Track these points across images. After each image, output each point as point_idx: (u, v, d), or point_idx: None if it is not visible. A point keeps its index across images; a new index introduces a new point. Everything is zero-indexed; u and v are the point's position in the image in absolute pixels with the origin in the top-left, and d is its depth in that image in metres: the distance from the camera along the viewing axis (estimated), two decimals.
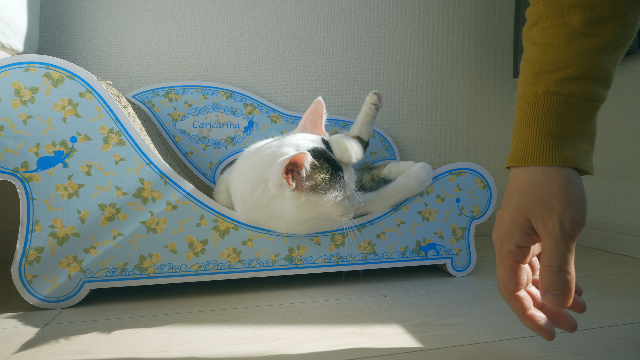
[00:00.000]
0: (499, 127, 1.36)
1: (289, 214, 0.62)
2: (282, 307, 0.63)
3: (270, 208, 0.64)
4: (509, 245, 0.39)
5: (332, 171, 0.60)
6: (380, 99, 0.89)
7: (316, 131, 0.71)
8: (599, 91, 0.38)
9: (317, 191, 0.59)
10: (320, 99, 0.70)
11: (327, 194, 0.60)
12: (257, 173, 0.63)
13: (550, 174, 0.37)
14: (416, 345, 0.49)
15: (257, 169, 0.63)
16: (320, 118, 0.70)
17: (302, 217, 0.62)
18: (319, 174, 0.59)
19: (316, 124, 0.71)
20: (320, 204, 0.60)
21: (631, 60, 1.03)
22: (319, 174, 0.59)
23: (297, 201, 0.59)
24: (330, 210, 0.62)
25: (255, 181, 0.63)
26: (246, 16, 1.15)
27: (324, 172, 0.59)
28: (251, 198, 0.64)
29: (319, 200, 0.60)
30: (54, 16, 1.02)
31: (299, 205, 0.60)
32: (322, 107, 0.70)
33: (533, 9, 0.41)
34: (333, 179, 0.60)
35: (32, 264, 0.61)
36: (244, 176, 0.65)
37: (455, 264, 0.80)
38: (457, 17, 1.31)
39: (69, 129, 0.61)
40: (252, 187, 0.63)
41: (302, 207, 0.60)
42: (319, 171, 0.59)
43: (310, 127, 0.71)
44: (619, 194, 1.06)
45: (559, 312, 0.42)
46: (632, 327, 0.54)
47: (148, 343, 0.50)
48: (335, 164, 0.61)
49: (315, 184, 0.59)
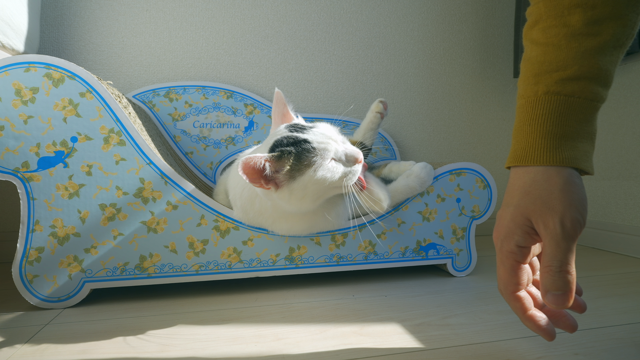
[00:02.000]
0: (499, 127, 1.36)
1: (295, 208, 0.60)
2: (282, 307, 0.63)
3: (277, 212, 0.64)
4: (510, 245, 0.39)
5: (295, 151, 0.56)
6: (386, 107, 0.89)
7: (286, 121, 0.67)
8: (599, 91, 0.38)
9: (294, 177, 0.56)
10: (278, 90, 0.66)
11: (304, 171, 0.56)
12: (248, 190, 0.65)
13: (551, 174, 0.37)
14: (416, 345, 0.49)
15: (247, 187, 0.64)
16: (285, 106, 0.67)
17: (305, 205, 0.59)
18: (285, 162, 0.56)
19: (284, 114, 0.67)
20: (308, 185, 0.57)
21: (631, 60, 1.03)
22: (284, 161, 0.56)
23: (291, 194, 0.57)
24: (323, 181, 0.57)
25: (250, 197, 0.65)
26: (247, 16, 1.15)
27: (287, 157, 0.55)
28: (253, 210, 0.66)
29: (304, 182, 0.56)
30: (55, 16, 1.02)
31: (290, 198, 0.58)
32: (282, 97, 0.66)
33: (533, 9, 0.41)
34: (301, 155, 0.56)
35: (33, 264, 0.61)
36: (239, 192, 0.67)
37: (455, 263, 0.80)
38: (457, 17, 1.31)
39: (69, 128, 0.61)
40: (250, 201, 0.65)
41: (295, 195, 0.57)
42: (284, 159, 0.55)
43: (279, 120, 0.68)
44: (620, 194, 1.06)
45: (560, 313, 0.42)
46: (632, 327, 0.54)
47: (148, 343, 0.50)
48: (296, 141, 0.57)
49: (289, 172, 0.56)
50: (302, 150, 0.56)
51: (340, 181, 0.59)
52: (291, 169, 0.56)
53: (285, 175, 0.56)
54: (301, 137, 0.57)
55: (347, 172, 0.59)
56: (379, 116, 0.89)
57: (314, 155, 0.56)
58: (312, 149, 0.56)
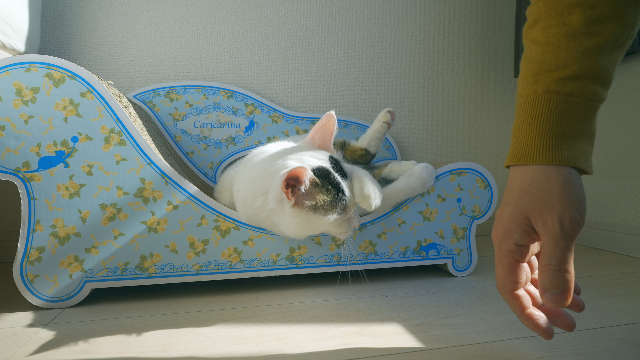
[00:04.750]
0: (500, 127, 1.36)
1: (287, 229, 0.61)
2: (283, 307, 0.63)
3: (271, 219, 0.63)
4: (508, 244, 0.39)
5: (334, 193, 0.58)
6: (393, 117, 0.89)
7: (324, 147, 0.67)
8: (598, 90, 0.38)
9: (317, 211, 0.58)
10: (332, 114, 0.64)
11: (328, 215, 0.59)
12: (259, 183, 0.63)
13: (550, 173, 0.37)
14: (417, 345, 0.49)
15: (259, 179, 0.63)
16: (331, 134, 0.66)
17: (301, 234, 0.61)
18: (320, 195, 0.57)
19: (325, 140, 0.67)
20: (320, 224, 0.60)
21: (632, 60, 1.03)
22: (320, 194, 0.57)
23: (297, 218, 0.58)
24: (330, 229, 0.61)
25: (257, 191, 0.63)
26: (247, 16, 1.15)
27: (325, 194, 0.58)
28: (252, 206, 0.64)
29: (319, 221, 0.59)
30: (55, 16, 1.03)
31: (298, 222, 0.59)
32: (334, 123, 0.65)
33: (533, 8, 0.41)
34: (334, 202, 0.58)
35: (34, 264, 0.61)
36: (247, 183, 0.65)
37: (456, 263, 0.80)
38: (458, 17, 1.31)
39: (70, 128, 0.61)
40: (253, 195, 0.63)
41: (302, 224, 0.59)
42: (321, 191, 0.57)
43: (318, 142, 0.67)
44: (620, 194, 1.06)
45: (558, 311, 0.42)
46: (633, 327, 0.54)
47: (149, 343, 0.50)
48: (338, 186, 0.60)
49: (315, 205, 0.57)
50: (338, 198, 0.59)
51: (341, 235, 0.64)
52: (319, 205, 0.58)
53: (310, 204, 0.57)
54: (343, 187, 0.60)
55: (348, 230, 0.63)
56: (385, 126, 0.89)
57: (342, 210, 0.60)
58: (344, 202, 0.60)
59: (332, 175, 0.60)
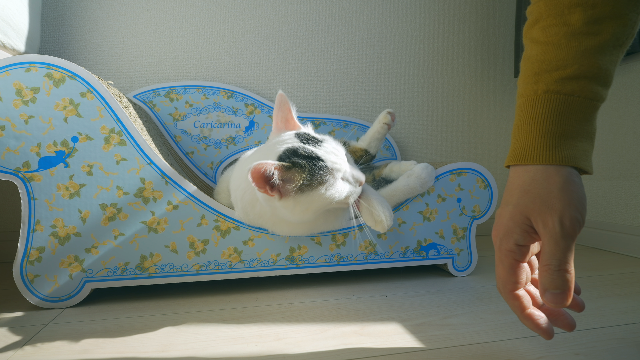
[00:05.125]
0: (500, 127, 1.36)
1: (292, 218, 0.61)
2: (283, 307, 0.63)
3: (275, 216, 0.64)
4: (509, 244, 0.39)
5: (309, 166, 0.56)
6: (393, 119, 0.89)
7: (289, 127, 0.66)
8: (599, 90, 0.38)
9: (304, 190, 0.56)
10: (281, 92, 0.63)
11: (315, 188, 0.57)
12: (249, 194, 0.64)
13: (551, 173, 0.37)
14: (417, 345, 0.49)
15: (248, 190, 0.64)
16: (289, 112, 0.65)
17: (306, 216, 0.60)
18: (296, 174, 0.56)
19: (287, 119, 0.65)
20: (315, 200, 0.57)
21: (632, 60, 1.03)
22: (296, 174, 0.56)
23: (293, 207, 0.58)
24: (329, 199, 0.58)
25: (251, 200, 0.64)
26: (247, 16, 1.15)
27: (300, 171, 0.56)
28: (253, 212, 0.65)
29: (312, 197, 0.57)
30: (55, 16, 1.03)
31: (295, 209, 0.58)
32: (286, 100, 0.64)
33: (533, 8, 0.41)
34: (314, 172, 0.56)
35: (34, 264, 0.61)
36: (240, 195, 0.66)
37: (456, 263, 0.80)
38: (458, 17, 1.31)
39: (70, 128, 0.61)
40: (250, 204, 0.65)
41: (300, 208, 0.58)
42: (295, 171, 0.55)
43: (282, 125, 0.66)
44: (620, 194, 1.06)
45: (558, 311, 0.42)
46: (633, 327, 0.54)
47: (149, 343, 0.50)
48: (310, 155, 0.57)
49: (298, 185, 0.56)
50: (315, 168, 0.56)
51: (346, 199, 0.61)
52: (302, 183, 0.56)
53: (293, 187, 0.56)
54: (315, 153, 0.57)
55: (353, 191, 0.61)
56: (386, 127, 0.89)
57: (327, 174, 0.57)
58: (325, 167, 0.57)
59: (300, 150, 0.57)
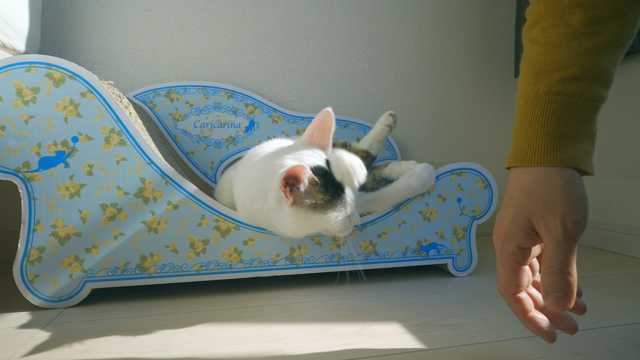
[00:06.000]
0: (500, 127, 1.36)
1: (287, 229, 0.61)
2: (283, 307, 0.63)
3: (270, 220, 0.63)
4: (510, 247, 0.39)
5: (332, 192, 0.59)
6: (395, 120, 0.89)
7: (322, 145, 0.66)
8: (599, 91, 0.38)
9: (316, 210, 0.58)
10: (329, 110, 0.63)
11: (327, 213, 0.59)
12: (258, 186, 0.63)
13: (552, 175, 0.37)
14: (417, 345, 0.49)
15: (258, 182, 0.63)
16: (329, 132, 0.65)
17: (300, 233, 0.61)
18: (319, 194, 0.57)
19: (323, 137, 0.65)
20: (320, 223, 0.59)
21: (632, 60, 1.03)
22: (319, 193, 0.57)
23: (296, 217, 0.58)
24: (329, 228, 0.60)
25: (256, 194, 0.63)
26: (247, 16, 1.15)
27: (324, 193, 0.58)
28: (252, 208, 0.64)
29: (319, 220, 0.59)
30: (56, 16, 1.03)
31: (297, 221, 0.59)
32: (331, 120, 0.63)
33: (533, 9, 0.41)
34: (334, 200, 0.59)
35: (34, 264, 0.61)
36: (246, 186, 0.65)
37: (456, 263, 0.80)
38: (458, 17, 1.31)
39: (70, 128, 0.61)
40: (252, 198, 0.63)
41: (301, 223, 0.59)
42: (319, 190, 0.57)
43: (317, 140, 0.66)
44: (621, 194, 1.06)
45: (560, 314, 0.42)
46: (633, 327, 0.54)
47: (149, 343, 0.50)
48: (337, 185, 0.60)
49: (315, 203, 0.58)
50: (337, 197, 0.59)
51: (340, 234, 0.63)
52: (318, 204, 0.58)
53: (309, 202, 0.57)
54: (341, 185, 0.60)
55: (348, 231, 0.63)
56: (387, 129, 0.89)
57: (342, 207, 0.60)
58: (344, 201, 0.60)
59: (330, 175, 0.60)
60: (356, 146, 0.93)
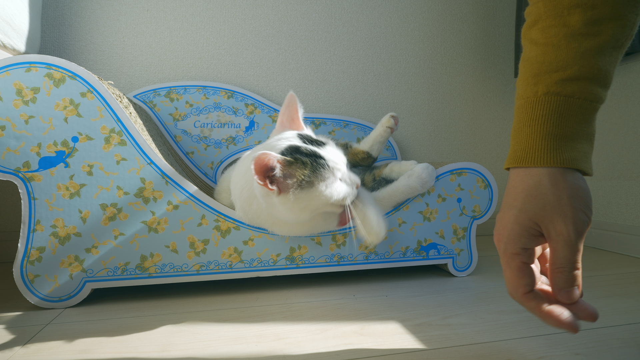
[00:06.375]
0: (500, 127, 1.36)
1: (289, 217, 0.60)
2: (283, 307, 0.63)
3: (272, 218, 0.64)
4: (515, 248, 0.38)
5: (311, 163, 0.57)
6: (396, 122, 0.89)
7: (294, 127, 0.67)
8: (598, 92, 0.38)
9: (303, 188, 0.56)
10: (292, 93, 0.65)
11: (316, 185, 0.57)
12: (247, 190, 0.64)
13: (557, 179, 0.37)
14: (417, 345, 0.49)
15: (245, 186, 0.64)
16: (296, 112, 0.67)
17: (302, 216, 0.60)
18: (297, 170, 0.56)
19: (293, 119, 0.67)
20: (314, 198, 0.57)
21: (631, 60, 1.03)
22: (297, 170, 0.56)
23: (288, 203, 0.57)
24: (328, 198, 0.58)
25: (249, 197, 0.64)
26: (247, 16, 1.15)
27: (302, 167, 0.56)
28: (251, 210, 0.65)
29: (311, 195, 0.57)
30: (56, 16, 1.03)
31: (292, 207, 0.58)
32: (295, 101, 0.66)
33: (532, 9, 0.41)
34: (315, 169, 0.57)
35: (34, 264, 0.61)
36: (239, 192, 0.66)
37: (456, 263, 0.80)
38: (458, 17, 1.31)
39: (70, 128, 0.61)
40: (248, 202, 0.64)
41: (297, 206, 0.58)
42: (297, 167, 0.56)
43: (287, 123, 0.67)
44: (621, 194, 1.06)
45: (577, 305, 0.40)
46: (634, 327, 0.54)
47: (149, 342, 0.50)
48: (313, 153, 0.58)
49: (298, 181, 0.56)
50: (317, 165, 0.57)
51: (343, 200, 0.60)
52: (302, 179, 0.56)
53: (294, 183, 0.56)
54: (318, 152, 0.59)
55: (350, 192, 0.61)
56: (389, 130, 0.89)
57: (327, 172, 0.58)
58: (326, 165, 0.58)
59: (302, 148, 0.59)
60: (357, 147, 0.93)
